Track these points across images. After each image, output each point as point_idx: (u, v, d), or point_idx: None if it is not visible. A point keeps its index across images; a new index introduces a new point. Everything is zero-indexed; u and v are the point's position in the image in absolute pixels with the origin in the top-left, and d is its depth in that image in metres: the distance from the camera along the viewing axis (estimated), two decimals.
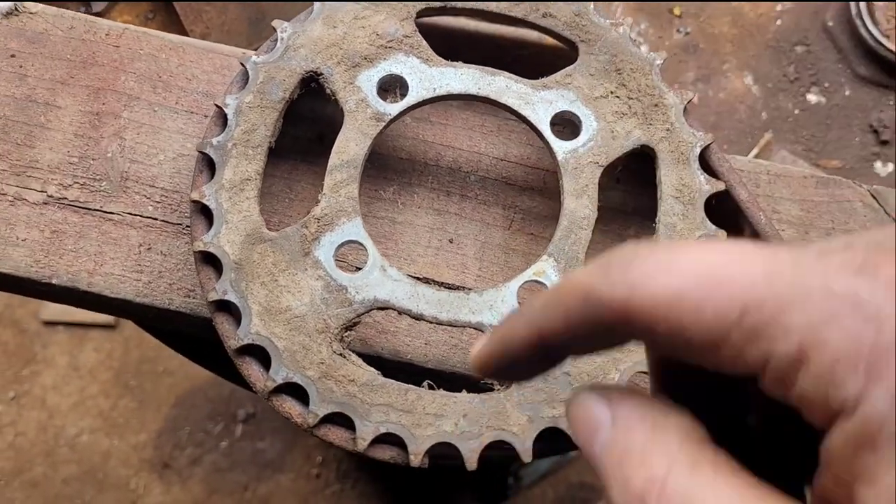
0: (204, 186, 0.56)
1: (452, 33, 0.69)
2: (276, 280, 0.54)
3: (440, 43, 0.60)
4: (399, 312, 0.55)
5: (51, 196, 0.63)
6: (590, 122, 0.59)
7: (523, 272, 0.56)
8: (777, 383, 0.28)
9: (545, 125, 0.59)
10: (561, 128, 0.60)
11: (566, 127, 0.60)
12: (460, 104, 0.66)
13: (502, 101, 0.59)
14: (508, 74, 0.60)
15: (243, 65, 0.59)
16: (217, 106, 0.58)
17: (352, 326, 0.55)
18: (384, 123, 0.58)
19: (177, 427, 1.91)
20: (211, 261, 0.55)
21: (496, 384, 0.55)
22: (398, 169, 0.65)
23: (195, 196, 0.56)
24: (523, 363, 0.35)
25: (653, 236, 0.57)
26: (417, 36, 0.60)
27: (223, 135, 0.57)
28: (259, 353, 0.54)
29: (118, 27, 0.67)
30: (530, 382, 0.53)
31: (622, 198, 0.65)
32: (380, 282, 0.55)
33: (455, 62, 0.60)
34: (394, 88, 0.60)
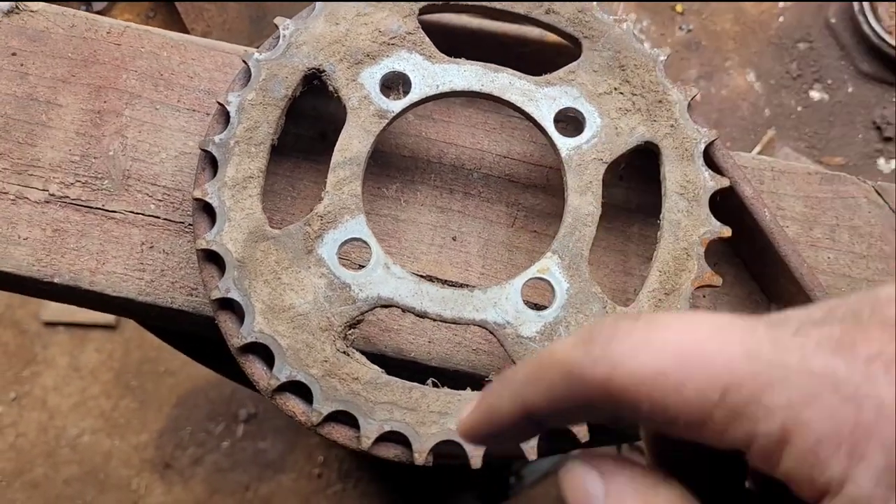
0: (206, 184, 0.56)
1: (454, 31, 0.69)
2: (280, 278, 0.54)
3: (442, 41, 0.60)
4: (403, 310, 0.55)
5: (52, 195, 0.62)
6: (593, 119, 0.59)
7: (527, 269, 0.55)
8: (763, 461, 0.28)
9: (549, 122, 0.59)
10: (564, 124, 0.59)
11: (570, 123, 0.60)
12: (463, 101, 0.66)
13: (505, 98, 0.59)
14: (511, 71, 0.59)
15: (245, 62, 0.58)
16: (219, 103, 0.57)
17: (355, 324, 0.55)
18: (387, 120, 0.58)
19: (178, 427, 1.91)
20: (214, 259, 0.55)
21: None
22: (401, 167, 0.64)
23: (198, 194, 0.55)
24: (510, 433, 0.37)
25: (658, 233, 0.57)
26: (420, 33, 0.60)
27: (225, 132, 0.57)
28: (262, 352, 0.53)
29: (119, 25, 0.67)
30: None
31: (626, 195, 0.65)
32: (383, 279, 0.54)
33: (458, 59, 0.59)
34: (396, 85, 0.59)
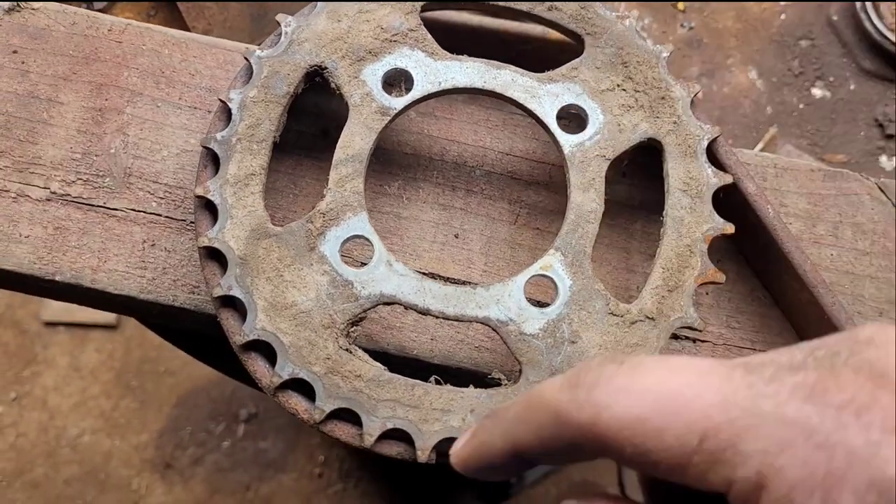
0: (208, 181, 0.55)
1: (455, 28, 0.68)
2: (282, 275, 0.54)
3: (443, 39, 0.60)
4: (405, 307, 0.54)
5: (54, 192, 0.62)
6: (596, 116, 0.58)
7: (530, 266, 0.55)
8: None
9: (551, 118, 0.58)
10: (567, 121, 0.59)
11: (572, 120, 0.60)
12: (465, 98, 0.66)
13: (508, 95, 0.59)
14: (514, 68, 0.59)
15: (247, 59, 0.58)
16: (221, 101, 0.57)
17: (358, 321, 0.54)
18: (389, 117, 0.58)
19: (178, 427, 1.91)
20: (216, 256, 0.55)
21: (504, 379, 0.55)
22: (403, 164, 0.64)
23: (199, 191, 0.55)
24: (500, 468, 0.39)
25: (660, 230, 0.56)
26: (422, 29, 0.59)
27: (227, 130, 0.57)
28: (265, 349, 0.53)
29: (121, 23, 0.67)
30: (537, 378, 0.53)
31: (628, 191, 0.65)
32: (386, 276, 0.54)
33: (460, 56, 0.59)
34: (399, 82, 0.59)
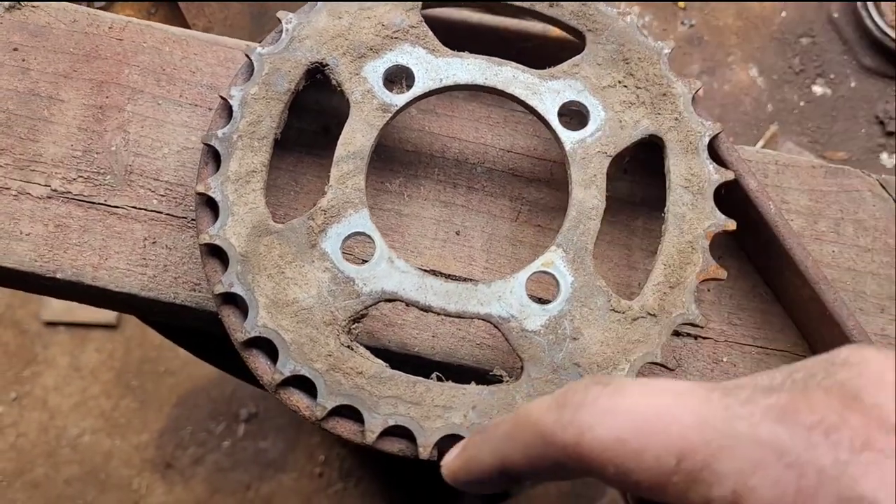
0: (209, 178, 0.55)
1: (455, 26, 0.68)
2: (283, 272, 0.54)
3: (443, 37, 0.60)
4: (407, 304, 0.54)
5: (55, 190, 0.62)
6: (597, 112, 0.58)
7: (532, 263, 0.55)
8: None
9: (553, 115, 0.58)
10: (568, 118, 0.59)
11: (573, 117, 0.60)
12: (466, 96, 0.66)
13: (509, 92, 0.59)
14: (515, 65, 0.59)
15: (248, 56, 0.58)
16: (222, 97, 0.57)
17: (359, 318, 0.54)
18: (390, 114, 0.58)
19: (179, 427, 1.91)
20: (217, 253, 0.55)
21: (505, 376, 0.55)
22: (404, 161, 0.64)
23: (200, 188, 0.55)
24: (488, 483, 0.40)
25: (662, 227, 0.56)
26: (423, 26, 0.59)
27: (228, 126, 0.56)
28: (266, 346, 0.53)
29: (121, 20, 0.66)
30: (539, 374, 0.53)
31: (630, 188, 0.65)
32: (387, 273, 0.54)
33: (461, 52, 0.59)
34: (400, 79, 0.59)
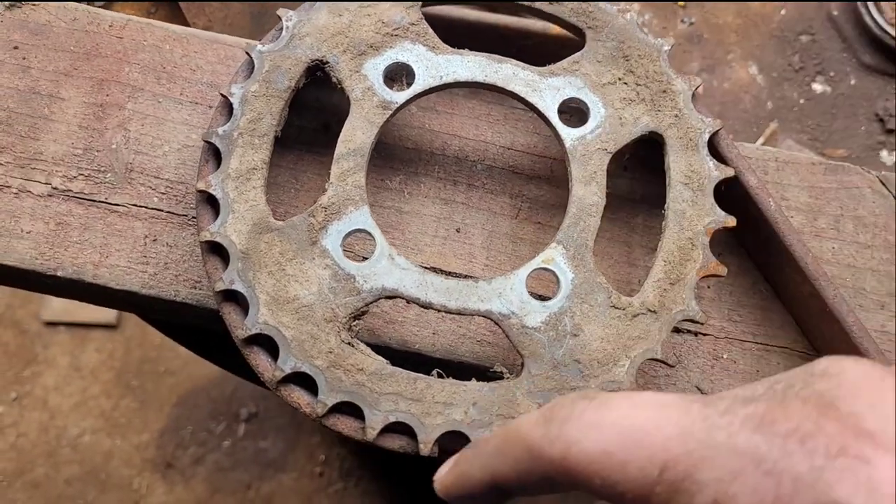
0: (210, 176, 0.55)
1: (455, 24, 0.68)
2: (284, 269, 0.54)
3: (443, 34, 0.60)
4: (407, 301, 0.54)
5: (55, 188, 0.62)
6: (598, 109, 0.58)
7: (532, 260, 0.55)
8: None
9: (553, 112, 0.58)
10: (568, 115, 0.59)
11: (574, 114, 0.60)
12: (466, 93, 0.66)
13: (509, 89, 0.59)
14: (515, 62, 0.59)
15: (248, 54, 0.58)
16: (222, 95, 0.57)
17: (360, 315, 0.54)
18: (391, 112, 0.58)
19: (179, 427, 1.91)
20: (217, 250, 0.55)
21: (506, 372, 0.55)
22: (404, 159, 0.64)
23: (201, 186, 0.55)
24: (479, 498, 0.41)
25: (662, 223, 0.56)
26: (423, 23, 0.59)
27: (229, 124, 0.57)
28: (267, 343, 0.53)
29: (122, 18, 0.67)
30: (539, 371, 0.53)
31: (630, 185, 0.65)
32: (388, 270, 0.54)
33: (461, 50, 0.59)
34: (400, 77, 0.59)
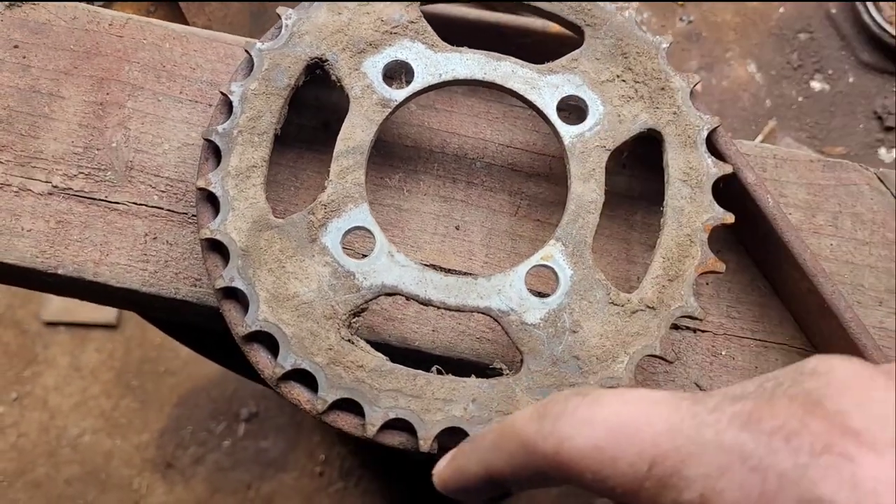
0: (210, 174, 0.56)
1: (454, 23, 0.68)
2: (284, 267, 0.54)
3: (442, 33, 0.60)
4: (407, 298, 0.55)
5: (56, 186, 0.62)
6: (596, 107, 0.59)
7: (531, 257, 0.55)
8: None
9: (551, 110, 0.59)
10: (567, 113, 0.59)
11: (572, 112, 0.60)
12: (465, 91, 0.66)
13: (508, 86, 0.59)
14: (514, 59, 0.60)
15: (248, 52, 0.58)
16: (222, 93, 0.57)
17: (360, 312, 0.55)
18: (390, 109, 0.58)
19: (179, 427, 1.91)
20: (217, 248, 0.55)
21: (505, 369, 0.55)
22: (403, 156, 0.65)
23: (201, 183, 0.55)
24: (475, 491, 0.42)
25: (661, 220, 0.57)
26: (422, 21, 0.60)
27: (228, 122, 0.57)
28: (267, 340, 0.53)
29: (121, 17, 0.67)
30: (539, 367, 0.53)
31: (628, 183, 0.65)
32: (387, 267, 0.54)
33: (460, 47, 0.59)
34: (399, 74, 0.59)
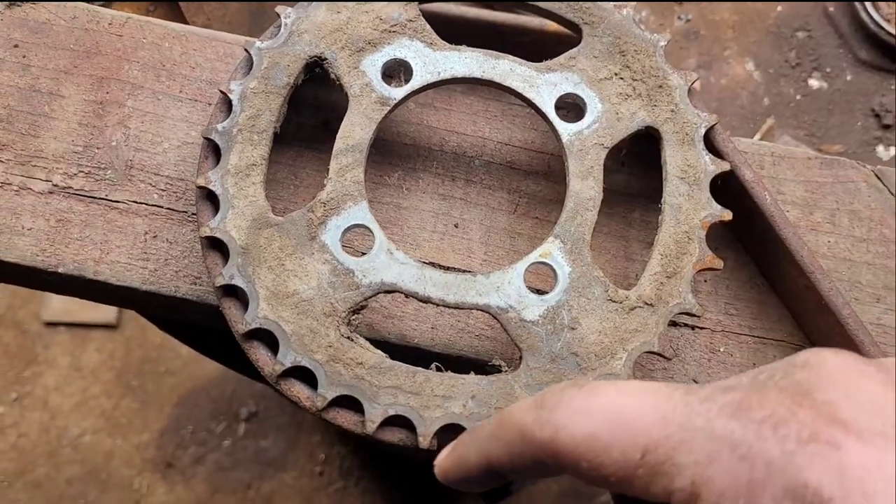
0: (210, 172, 0.56)
1: (452, 21, 0.69)
2: (283, 264, 0.54)
3: (441, 32, 0.60)
4: (406, 295, 0.55)
5: (56, 185, 0.63)
6: (594, 104, 0.59)
7: (530, 254, 0.56)
8: None
9: (550, 108, 0.59)
10: (565, 111, 0.60)
11: (571, 110, 0.60)
12: (464, 89, 0.67)
13: (507, 84, 0.59)
14: (512, 58, 0.60)
15: (247, 51, 0.59)
16: (221, 92, 0.58)
17: (359, 310, 0.55)
18: (389, 108, 0.58)
19: (179, 426, 1.91)
20: (217, 246, 0.55)
21: (504, 366, 0.56)
22: (402, 155, 0.65)
23: (201, 182, 0.56)
24: (477, 481, 0.43)
25: (659, 218, 0.57)
26: (421, 20, 0.60)
27: (228, 120, 0.57)
28: (267, 338, 0.54)
29: (121, 16, 0.67)
30: (538, 364, 0.54)
31: (627, 180, 0.65)
32: (386, 265, 0.55)
33: (459, 46, 0.60)
34: (398, 73, 0.60)
